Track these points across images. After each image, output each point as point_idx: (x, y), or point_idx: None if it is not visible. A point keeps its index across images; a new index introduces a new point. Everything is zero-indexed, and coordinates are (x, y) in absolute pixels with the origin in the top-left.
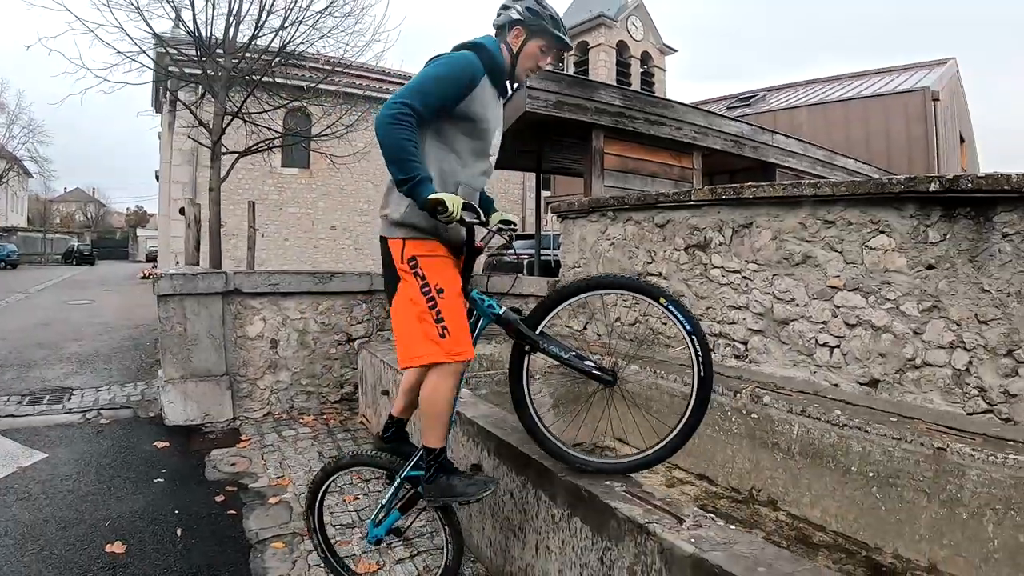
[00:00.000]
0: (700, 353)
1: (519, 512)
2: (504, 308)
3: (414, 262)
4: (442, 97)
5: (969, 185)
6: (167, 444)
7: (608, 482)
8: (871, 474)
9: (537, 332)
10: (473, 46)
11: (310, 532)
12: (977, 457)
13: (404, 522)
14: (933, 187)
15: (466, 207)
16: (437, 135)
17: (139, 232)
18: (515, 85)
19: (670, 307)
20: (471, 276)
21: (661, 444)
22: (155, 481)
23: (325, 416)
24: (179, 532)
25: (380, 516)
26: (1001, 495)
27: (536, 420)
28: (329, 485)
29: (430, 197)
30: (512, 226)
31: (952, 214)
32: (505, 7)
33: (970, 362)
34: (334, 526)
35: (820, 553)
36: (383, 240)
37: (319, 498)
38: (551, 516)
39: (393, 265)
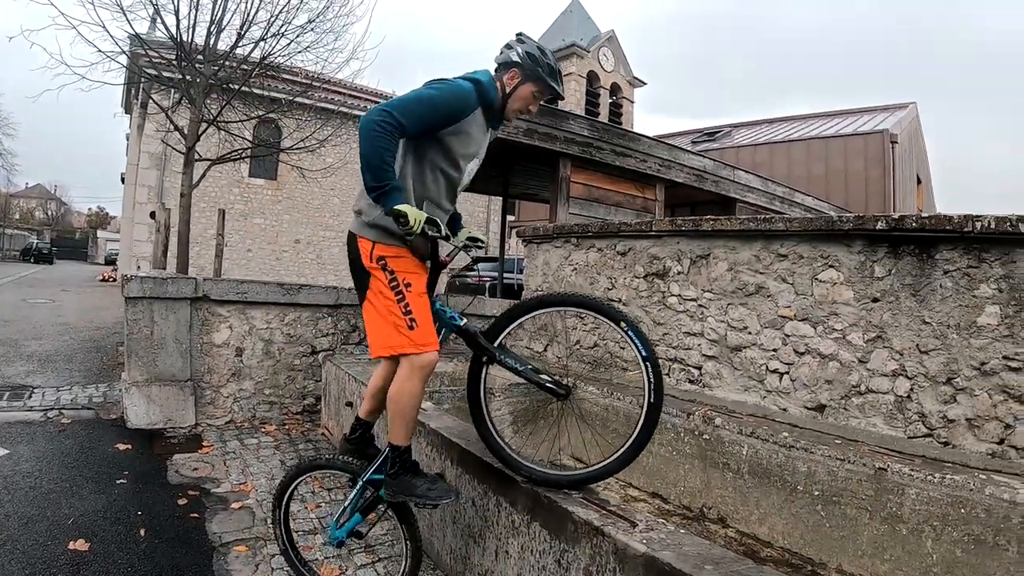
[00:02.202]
0: (652, 380)
1: (480, 519)
2: (465, 321)
3: (383, 261)
4: (429, 119)
5: (914, 224)
6: (129, 446)
7: (565, 490)
8: (816, 492)
9: (495, 344)
10: (472, 79)
11: (275, 530)
12: (916, 477)
13: (365, 526)
14: (880, 225)
15: (429, 222)
16: (416, 152)
17: (100, 234)
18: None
19: (629, 332)
20: (434, 290)
21: (612, 458)
22: (117, 482)
23: (287, 426)
24: (142, 532)
25: (343, 519)
26: (939, 512)
27: (492, 430)
28: (297, 486)
29: (395, 207)
30: (480, 243)
31: (897, 251)
32: (508, 47)
33: (911, 389)
34: (297, 532)
35: (767, 566)
36: (352, 237)
37: (286, 497)
38: (511, 522)
39: (360, 262)
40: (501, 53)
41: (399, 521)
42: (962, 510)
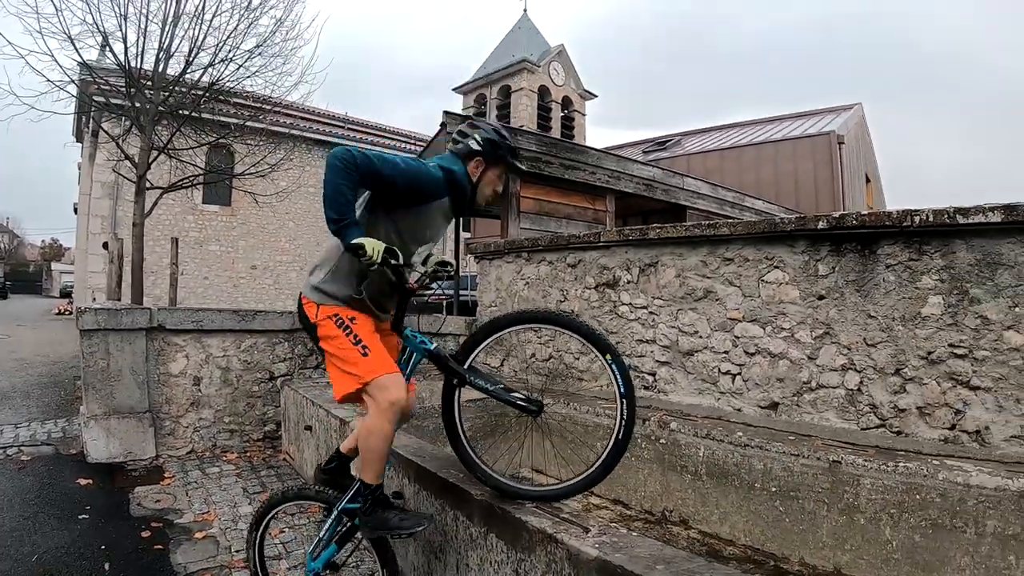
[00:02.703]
0: (625, 418)
1: (440, 534)
2: (435, 344)
3: (327, 316)
4: (386, 178)
5: (854, 222)
6: (90, 481)
7: (519, 501)
8: (773, 489)
9: (465, 367)
10: (446, 169)
11: (249, 562)
12: (870, 467)
13: (341, 557)
14: (821, 225)
15: (388, 251)
16: (386, 205)
17: (54, 266)
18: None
19: (614, 366)
20: (404, 316)
21: (583, 475)
22: (80, 517)
23: (248, 453)
24: (107, 567)
25: (318, 550)
26: (895, 500)
27: (469, 450)
28: (271, 518)
29: (353, 241)
30: (448, 267)
31: (840, 249)
32: (463, 135)
33: (861, 382)
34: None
35: (730, 565)
36: (299, 298)
37: (261, 529)
38: (469, 535)
39: (309, 322)
40: (457, 143)
41: (375, 551)
42: (917, 496)
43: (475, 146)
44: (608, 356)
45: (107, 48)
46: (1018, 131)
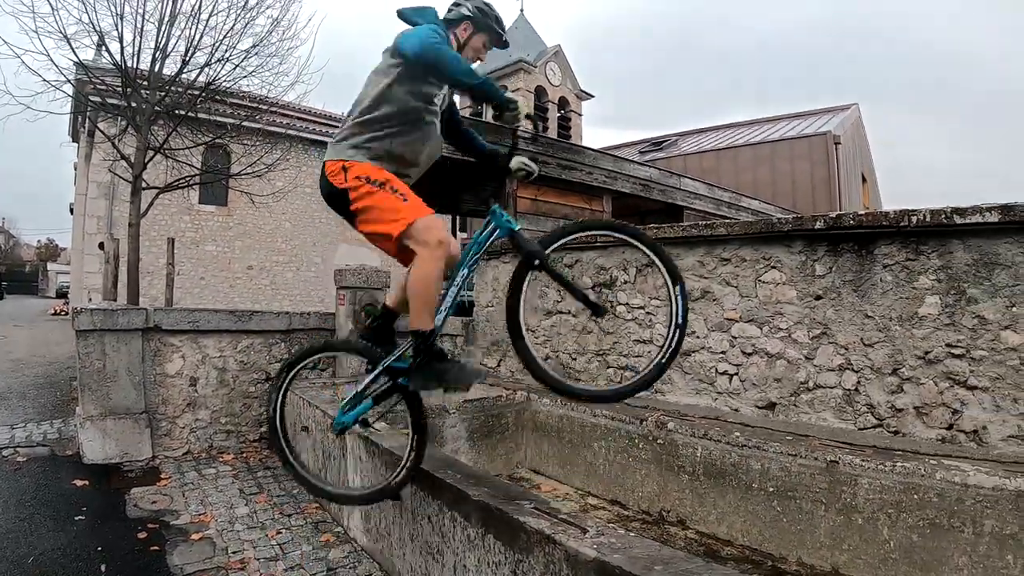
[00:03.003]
0: (673, 347)
1: (437, 535)
2: (520, 226)
3: (357, 177)
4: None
5: (851, 222)
6: (87, 482)
7: (517, 501)
8: (771, 489)
9: (547, 252)
10: (437, 33)
11: (269, 406)
12: (867, 467)
13: (373, 415)
14: (819, 225)
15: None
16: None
17: (50, 266)
18: None
19: (679, 298)
20: (502, 193)
21: (632, 382)
22: (76, 519)
23: (245, 454)
24: (103, 568)
25: (351, 405)
26: (892, 500)
27: (529, 346)
28: (303, 367)
29: (508, 96)
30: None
31: (837, 249)
32: (457, 4)
33: (859, 382)
34: (258, 560)
35: (728, 565)
36: (324, 170)
37: (291, 374)
38: (467, 536)
39: (337, 190)
40: (451, 11)
41: (409, 410)
42: (915, 496)
43: (466, 12)
44: (677, 287)
45: (103, 47)
46: (1017, 131)
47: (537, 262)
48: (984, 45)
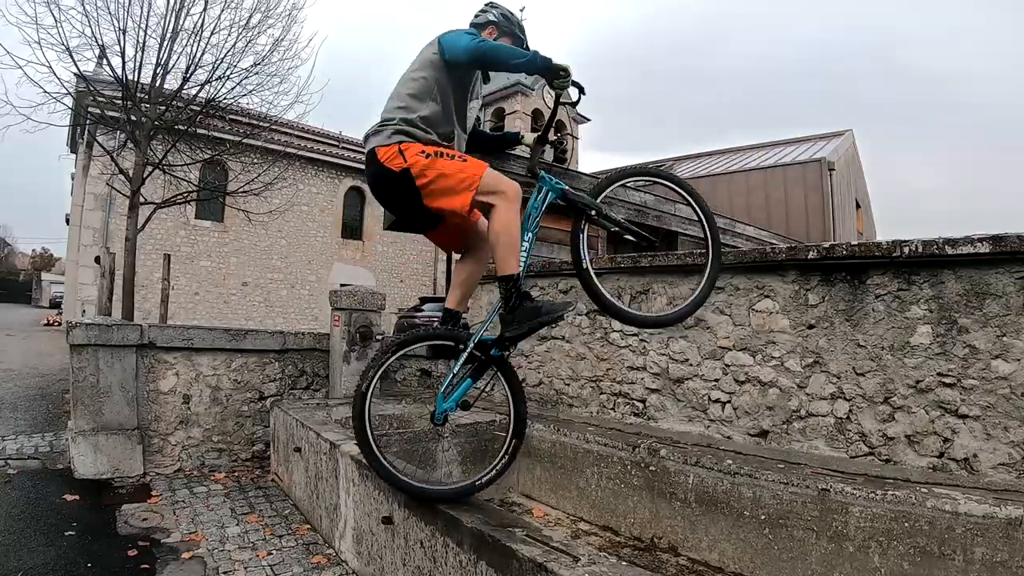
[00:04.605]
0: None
1: (429, 560)
2: (568, 186)
3: (417, 154)
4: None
5: (844, 252)
6: (77, 497)
7: (509, 528)
8: (762, 517)
9: (597, 201)
10: (474, 35)
11: (353, 408)
12: (859, 495)
13: (472, 395)
14: (812, 255)
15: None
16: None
17: (44, 276)
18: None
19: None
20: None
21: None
22: (66, 534)
23: (236, 473)
24: None
25: (449, 389)
26: (884, 528)
27: (596, 281)
28: (391, 362)
29: (557, 62)
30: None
31: (830, 278)
32: (484, 10)
33: (850, 410)
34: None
35: None
36: (374, 156)
37: (380, 370)
38: (459, 562)
39: (395, 173)
40: (479, 16)
41: (505, 380)
42: (906, 524)
43: (493, 17)
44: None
45: (104, 60)
46: (1008, 152)
47: (593, 212)
48: (976, 70)
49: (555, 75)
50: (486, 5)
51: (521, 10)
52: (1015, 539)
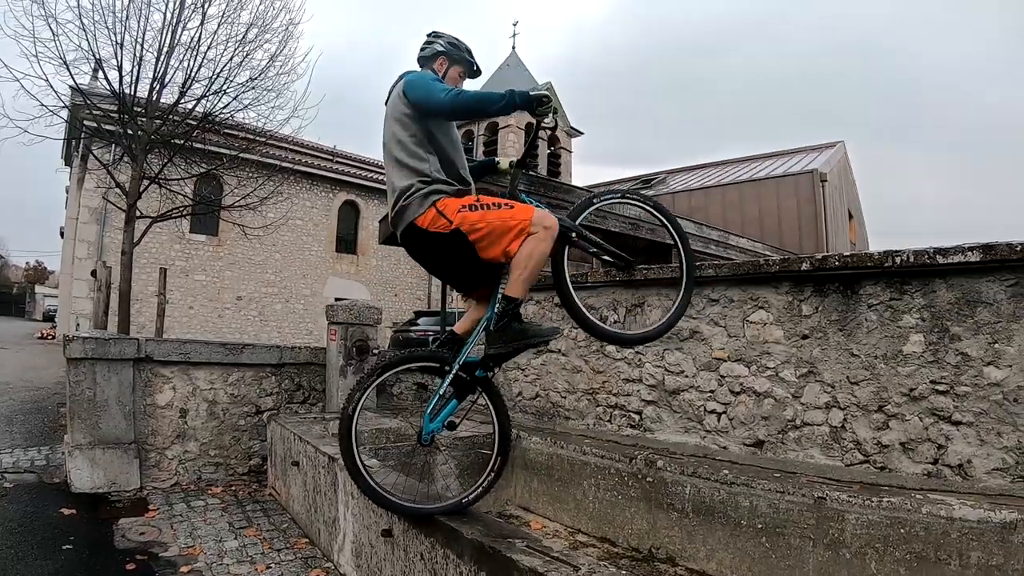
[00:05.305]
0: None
1: (429, 573)
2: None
3: (458, 210)
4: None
5: (836, 263)
6: (74, 511)
7: (509, 539)
8: (759, 525)
9: (576, 223)
10: (437, 80)
11: (340, 437)
12: (854, 503)
13: (458, 416)
14: (805, 267)
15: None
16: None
17: (38, 289)
18: None
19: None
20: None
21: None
22: (64, 548)
23: (234, 487)
24: None
25: (436, 409)
26: (880, 534)
27: (579, 305)
28: (384, 380)
29: (536, 92)
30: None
31: (823, 289)
32: (430, 42)
33: (845, 419)
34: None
35: None
36: (413, 228)
37: (365, 392)
38: (459, 573)
39: (443, 235)
40: (425, 49)
41: (489, 400)
42: (902, 530)
43: (440, 48)
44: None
45: (100, 73)
46: (999, 164)
47: (574, 235)
48: (968, 83)
49: (537, 104)
50: (431, 36)
51: (514, 24)
52: (1010, 543)
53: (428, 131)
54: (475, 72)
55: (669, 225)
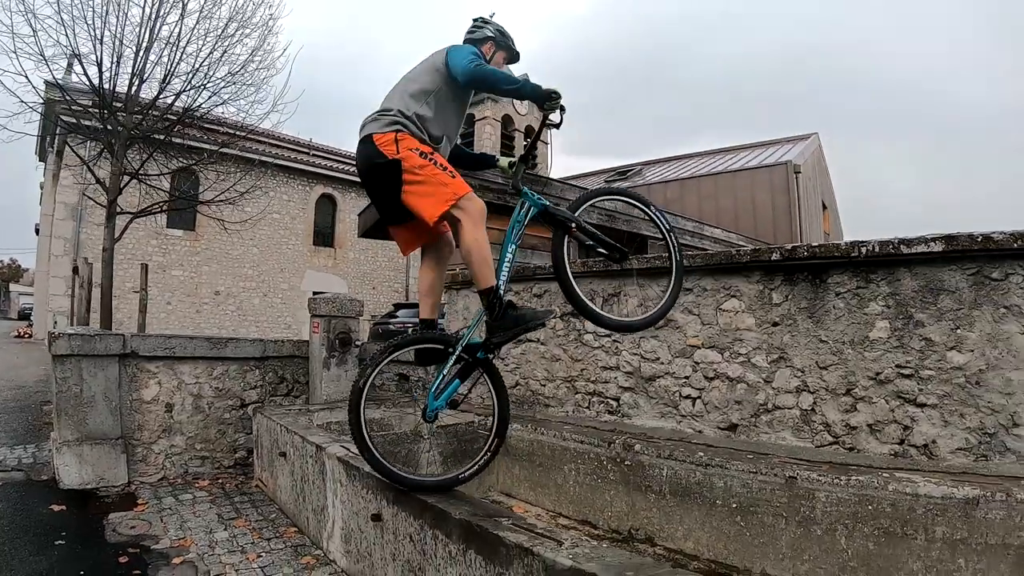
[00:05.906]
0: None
1: (419, 553)
2: (550, 203)
3: (410, 149)
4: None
5: (805, 253)
6: (64, 507)
7: (496, 519)
8: (734, 505)
9: (576, 214)
10: (477, 55)
11: (349, 412)
12: (824, 481)
13: (460, 394)
14: (775, 256)
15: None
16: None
17: (12, 287)
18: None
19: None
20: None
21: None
22: (56, 543)
23: (220, 480)
24: None
25: (440, 388)
26: (849, 511)
27: (576, 289)
28: (384, 364)
29: (548, 88)
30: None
31: (793, 278)
32: (479, 26)
33: (815, 403)
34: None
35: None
36: (369, 139)
37: (371, 375)
38: (448, 552)
39: (387, 160)
40: (475, 31)
41: (490, 381)
42: (870, 507)
43: (490, 33)
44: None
45: (77, 65)
46: (968, 157)
47: (573, 226)
48: (940, 78)
49: (547, 99)
50: (479, 21)
51: (491, 15)
52: (973, 518)
53: (442, 91)
54: (516, 58)
55: (660, 222)
